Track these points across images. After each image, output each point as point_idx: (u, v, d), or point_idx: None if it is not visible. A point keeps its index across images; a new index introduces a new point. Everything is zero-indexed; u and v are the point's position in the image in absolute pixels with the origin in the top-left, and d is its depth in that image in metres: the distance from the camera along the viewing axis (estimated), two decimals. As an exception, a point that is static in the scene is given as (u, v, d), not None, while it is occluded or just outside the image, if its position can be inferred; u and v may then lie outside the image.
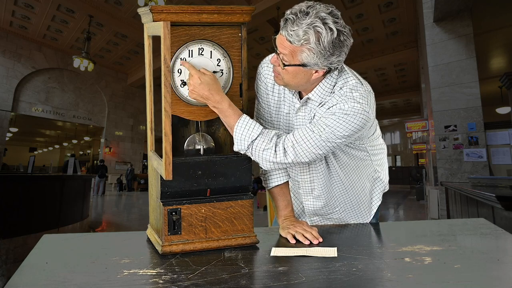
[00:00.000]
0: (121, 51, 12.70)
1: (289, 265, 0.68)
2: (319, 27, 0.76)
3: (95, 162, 19.35)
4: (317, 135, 0.85)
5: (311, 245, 0.82)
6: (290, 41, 0.79)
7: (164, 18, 0.75)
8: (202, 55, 0.81)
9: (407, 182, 17.64)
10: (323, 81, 0.91)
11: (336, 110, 0.86)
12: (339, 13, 0.81)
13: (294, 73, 0.85)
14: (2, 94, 11.15)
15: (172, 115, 0.79)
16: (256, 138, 0.84)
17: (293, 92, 0.98)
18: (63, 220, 4.25)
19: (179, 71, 0.80)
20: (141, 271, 0.64)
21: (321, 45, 0.78)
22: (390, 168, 20.79)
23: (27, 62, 11.84)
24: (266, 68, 1.02)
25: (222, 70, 0.83)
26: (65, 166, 6.38)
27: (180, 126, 0.89)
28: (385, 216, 7.19)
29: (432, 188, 6.65)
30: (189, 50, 0.80)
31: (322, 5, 0.80)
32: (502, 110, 10.38)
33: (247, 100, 0.87)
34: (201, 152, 0.87)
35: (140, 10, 0.82)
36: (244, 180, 0.84)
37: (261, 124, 1.02)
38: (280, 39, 0.82)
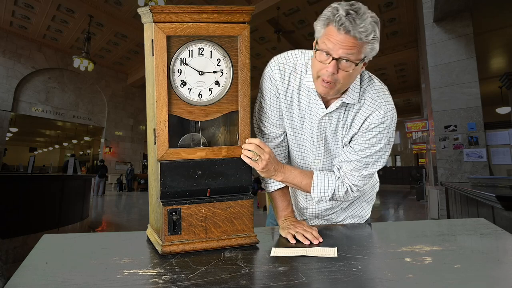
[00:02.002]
0: (121, 51, 12.71)
1: (289, 265, 0.68)
2: (375, 18, 0.80)
3: (95, 162, 19.36)
4: (379, 157, 0.96)
5: (311, 245, 0.82)
6: (359, 39, 0.78)
7: (164, 18, 0.75)
8: (202, 55, 0.81)
9: (407, 182, 17.65)
10: (355, 81, 0.92)
11: (380, 128, 0.93)
12: None
13: (356, 71, 0.85)
14: (2, 94, 11.15)
15: (172, 115, 0.79)
16: (334, 191, 0.97)
17: (316, 99, 0.95)
18: (63, 220, 4.25)
19: (179, 71, 0.80)
20: (141, 271, 0.64)
21: (378, 35, 0.82)
22: (390, 168, 20.84)
23: (27, 62, 11.85)
24: (278, 71, 0.98)
25: (222, 70, 0.83)
26: (65, 166, 6.38)
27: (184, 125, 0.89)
28: (385, 216, 7.19)
29: (432, 188, 6.65)
30: (189, 50, 0.80)
31: (354, 2, 0.82)
32: (502, 110, 10.38)
33: (249, 102, 0.87)
34: (201, 145, 0.87)
35: (140, 10, 0.82)
36: (244, 180, 0.84)
37: (265, 126, 1.03)
38: (343, 40, 0.79)
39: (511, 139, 4.53)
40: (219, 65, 0.83)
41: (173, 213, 0.76)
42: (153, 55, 0.76)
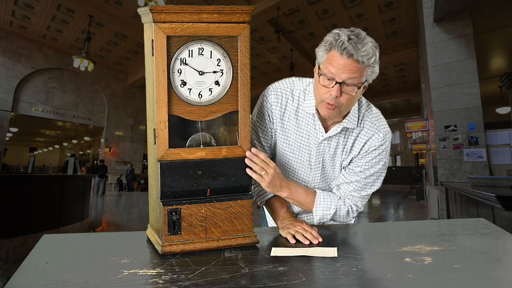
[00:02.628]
0: (121, 51, 12.71)
1: (289, 265, 0.68)
2: (375, 43, 0.84)
3: (95, 162, 19.36)
4: (377, 177, 1.01)
5: (311, 245, 0.82)
6: (362, 62, 0.82)
7: (164, 18, 0.75)
8: (202, 55, 0.81)
9: (407, 182, 17.65)
10: (353, 107, 0.96)
11: (379, 150, 0.99)
12: None
13: (357, 95, 0.90)
14: (2, 94, 11.15)
15: (172, 115, 0.79)
16: (336, 211, 1.00)
17: (316, 123, 0.99)
18: (63, 220, 4.25)
19: (179, 71, 0.80)
20: (141, 271, 0.64)
21: (378, 57, 0.85)
22: (390, 168, 20.84)
23: (27, 62, 11.85)
24: (274, 97, 1.02)
25: (222, 70, 0.83)
26: (65, 166, 6.38)
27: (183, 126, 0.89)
28: (385, 216, 7.19)
29: (432, 188, 6.65)
30: (189, 50, 0.80)
31: (353, 28, 0.86)
32: (502, 110, 10.39)
33: (249, 102, 0.87)
34: (203, 145, 0.87)
35: (140, 10, 0.82)
36: (244, 180, 0.84)
37: (256, 145, 1.06)
38: (346, 65, 0.82)
39: (511, 139, 4.53)
40: (219, 65, 0.83)
41: (173, 213, 0.76)
42: (153, 55, 0.76)
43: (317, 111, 0.97)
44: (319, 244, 0.82)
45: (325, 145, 1.01)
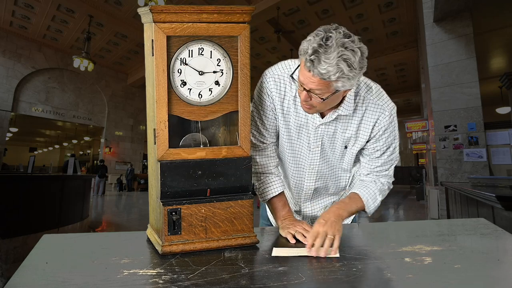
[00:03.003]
0: (121, 51, 12.71)
1: (289, 265, 0.68)
2: (346, 55, 0.77)
3: (95, 162, 19.36)
4: (396, 149, 1.05)
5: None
6: (323, 78, 0.79)
7: (164, 18, 0.75)
8: (202, 55, 0.81)
9: (407, 182, 17.64)
10: (349, 93, 0.95)
11: (390, 128, 1.00)
12: (346, 29, 0.81)
13: (330, 101, 0.89)
14: (2, 94, 11.15)
15: (172, 115, 0.79)
16: (381, 194, 1.05)
17: None
18: (63, 220, 4.25)
19: (179, 71, 0.80)
20: (141, 271, 0.64)
21: (353, 69, 0.79)
22: (390, 168, 20.72)
23: (27, 62, 11.85)
24: (273, 83, 1.02)
25: (222, 70, 0.83)
26: (65, 166, 6.38)
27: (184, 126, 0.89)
28: (385, 216, 7.19)
29: (432, 188, 6.65)
30: (189, 50, 0.80)
31: (332, 29, 0.80)
32: (502, 110, 10.39)
33: (249, 102, 0.87)
34: (201, 145, 0.87)
35: (140, 10, 0.82)
36: (244, 180, 0.84)
37: (263, 137, 1.06)
38: (311, 77, 0.80)
39: (511, 139, 4.53)
40: (219, 65, 0.83)
41: (173, 213, 0.76)
42: (153, 55, 0.76)
43: None
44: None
45: (322, 129, 1.01)
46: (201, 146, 0.87)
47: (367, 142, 1.03)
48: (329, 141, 1.04)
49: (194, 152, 0.80)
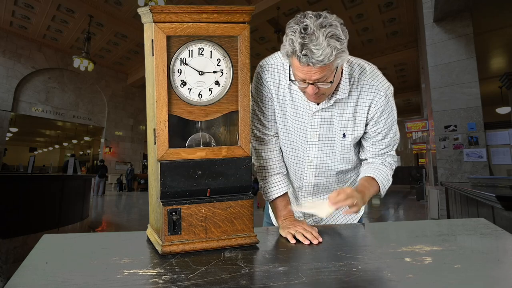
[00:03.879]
0: (121, 51, 12.71)
1: (289, 265, 0.68)
2: (330, 32, 0.78)
3: (95, 162, 19.36)
4: (397, 131, 1.05)
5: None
6: (323, 64, 0.79)
7: (164, 18, 0.75)
8: (202, 55, 0.81)
9: (407, 182, 17.63)
10: (342, 77, 0.95)
11: (387, 109, 1.00)
12: (310, 11, 0.83)
13: (337, 78, 0.89)
14: (2, 94, 11.15)
15: (172, 115, 0.79)
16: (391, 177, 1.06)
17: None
18: (63, 220, 4.25)
19: (179, 71, 0.80)
20: (141, 271, 0.64)
21: (342, 41, 0.80)
22: (390, 168, 20.73)
23: (27, 62, 11.85)
24: (267, 73, 1.01)
25: (222, 70, 0.83)
26: (65, 166, 6.38)
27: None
28: (385, 216, 7.19)
29: (432, 188, 6.65)
30: (189, 50, 0.80)
31: (302, 18, 0.80)
32: (502, 110, 10.38)
33: (249, 102, 0.87)
34: (205, 145, 0.87)
35: (140, 10, 0.82)
36: (244, 180, 0.84)
37: (266, 128, 1.06)
38: (310, 70, 0.81)
39: (511, 139, 4.53)
40: (219, 65, 0.83)
41: (173, 213, 0.76)
42: (153, 55, 0.76)
43: None
44: (319, 244, 0.82)
45: (318, 116, 1.00)
46: (205, 146, 0.87)
47: (366, 125, 1.02)
48: (327, 129, 1.02)
49: (194, 152, 0.80)
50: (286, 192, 1.07)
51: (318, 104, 0.98)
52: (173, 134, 0.80)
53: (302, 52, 0.78)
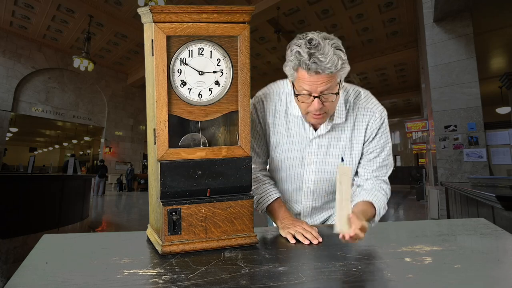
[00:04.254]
0: (121, 51, 12.70)
1: (289, 265, 0.68)
2: (333, 43, 0.83)
3: (95, 162, 19.36)
4: (390, 154, 1.04)
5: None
6: (330, 72, 0.82)
7: (164, 18, 0.75)
8: (202, 55, 0.81)
9: (407, 182, 17.64)
10: (339, 101, 0.97)
11: (381, 129, 1.01)
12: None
13: (338, 96, 0.91)
14: (2, 94, 11.15)
15: (172, 115, 0.79)
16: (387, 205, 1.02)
17: (304, 124, 1.01)
18: (63, 220, 4.25)
19: (179, 71, 0.80)
20: (141, 271, 0.64)
21: (344, 53, 0.85)
22: (390, 168, 20.72)
23: (27, 62, 11.85)
24: (262, 104, 1.04)
25: (222, 70, 0.83)
26: (65, 166, 6.38)
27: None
28: (385, 216, 7.19)
29: (432, 188, 6.65)
30: (189, 50, 0.80)
31: (304, 35, 0.86)
32: (502, 110, 10.38)
33: (249, 102, 0.87)
34: (201, 145, 0.87)
35: (140, 10, 0.82)
36: (244, 180, 0.84)
37: (257, 155, 1.09)
38: (317, 80, 0.83)
39: (511, 139, 4.53)
40: (219, 65, 0.83)
41: (173, 213, 0.76)
42: (153, 55, 0.76)
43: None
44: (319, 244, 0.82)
45: (316, 143, 1.01)
46: (201, 146, 0.87)
47: (362, 146, 1.03)
48: (324, 155, 1.03)
49: (194, 152, 0.80)
50: (279, 198, 1.07)
51: (315, 130, 0.99)
52: (173, 134, 0.80)
53: (311, 60, 0.81)
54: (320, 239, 0.84)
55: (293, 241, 0.85)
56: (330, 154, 1.03)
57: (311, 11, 9.19)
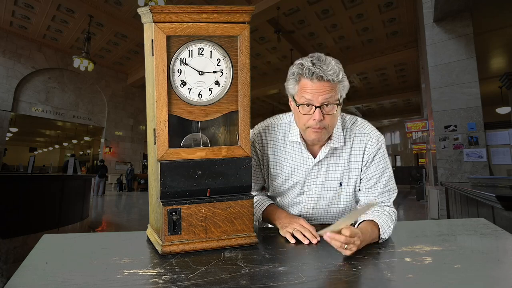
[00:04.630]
0: (121, 51, 12.70)
1: (289, 265, 0.68)
2: (335, 59, 0.90)
3: (95, 162, 19.36)
4: (391, 179, 1.02)
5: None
6: (332, 80, 0.87)
7: (164, 18, 0.75)
8: (202, 55, 0.81)
9: (407, 182, 17.64)
10: (336, 125, 0.99)
11: (379, 154, 1.01)
12: None
13: (338, 112, 0.93)
14: (2, 94, 11.14)
15: (172, 115, 0.79)
16: (393, 225, 0.95)
17: (303, 151, 1.02)
18: (63, 220, 4.25)
19: (179, 71, 0.80)
20: (141, 271, 0.64)
21: (343, 73, 0.91)
22: (390, 168, 20.72)
23: (27, 62, 11.84)
24: (260, 136, 1.07)
25: (222, 70, 0.83)
26: (65, 166, 6.38)
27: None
28: (385, 216, 7.17)
29: (432, 188, 6.65)
30: (189, 50, 0.80)
31: (312, 54, 0.93)
32: (502, 110, 10.38)
33: (249, 102, 0.87)
34: (202, 145, 0.87)
35: (140, 10, 0.82)
36: (244, 180, 0.84)
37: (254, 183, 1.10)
38: (319, 88, 0.87)
39: (511, 139, 4.53)
40: (219, 65, 0.83)
41: (173, 213, 0.76)
42: (153, 55, 0.76)
43: (302, 139, 1.01)
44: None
45: (316, 170, 1.02)
46: (202, 146, 0.87)
47: (360, 171, 1.03)
48: (323, 181, 1.03)
49: (194, 152, 0.80)
50: (273, 204, 1.08)
51: (314, 158, 1.01)
52: (173, 134, 0.80)
53: (314, 67, 0.86)
54: (318, 238, 0.85)
55: (292, 240, 0.85)
56: (328, 180, 1.04)
57: (311, 11, 9.19)
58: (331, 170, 1.02)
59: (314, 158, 1.01)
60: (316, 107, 0.88)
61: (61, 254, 0.76)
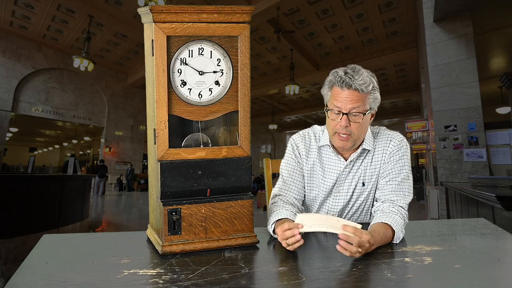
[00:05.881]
0: (121, 51, 12.70)
1: (289, 265, 0.68)
2: (368, 72, 0.97)
3: (95, 162, 19.35)
4: (407, 181, 1.02)
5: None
6: (361, 90, 0.93)
7: (164, 18, 0.75)
8: (202, 55, 0.81)
9: (407, 182, 17.62)
10: (368, 130, 1.05)
11: (399, 153, 1.04)
12: None
13: (366, 122, 0.99)
14: (2, 94, 11.14)
15: (172, 115, 0.79)
16: (404, 225, 0.93)
17: (335, 153, 1.07)
18: (63, 220, 4.25)
19: (179, 71, 0.80)
20: (141, 271, 0.64)
21: (377, 85, 0.98)
22: (390, 168, 20.71)
23: (27, 62, 11.84)
24: (300, 139, 1.14)
25: (222, 70, 0.83)
26: (65, 166, 6.38)
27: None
28: (385, 216, 7.17)
29: (432, 188, 6.65)
30: (189, 50, 0.80)
31: (349, 65, 0.99)
32: (502, 110, 10.37)
33: (249, 102, 0.87)
34: (202, 145, 0.87)
35: (140, 10, 0.82)
36: (244, 180, 0.84)
37: (290, 197, 1.09)
38: (348, 96, 0.94)
39: (511, 139, 4.53)
40: (219, 65, 0.83)
41: (173, 213, 0.76)
42: (153, 55, 0.76)
43: (331, 144, 1.08)
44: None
45: (346, 173, 1.07)
46: (202, 146, 0.87)
47: (380, 168, 1.07)
48: (349, 183, 1.08)
49: (194, 152, 0.80)
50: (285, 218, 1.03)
51: (346, 160, 1.06)
52: (173, 134, 0.80)
53: (346, 76, 0.93)
54: (301, 242, 0.75)
55: (289, 248, 0.82)
56: (354, 181, 1.08)
57: (311, 11, 9.18)
58: (359, 172, 1.08)
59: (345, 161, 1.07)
60: (343, 113, 0.95)
61: (61, 254, 0.76)
